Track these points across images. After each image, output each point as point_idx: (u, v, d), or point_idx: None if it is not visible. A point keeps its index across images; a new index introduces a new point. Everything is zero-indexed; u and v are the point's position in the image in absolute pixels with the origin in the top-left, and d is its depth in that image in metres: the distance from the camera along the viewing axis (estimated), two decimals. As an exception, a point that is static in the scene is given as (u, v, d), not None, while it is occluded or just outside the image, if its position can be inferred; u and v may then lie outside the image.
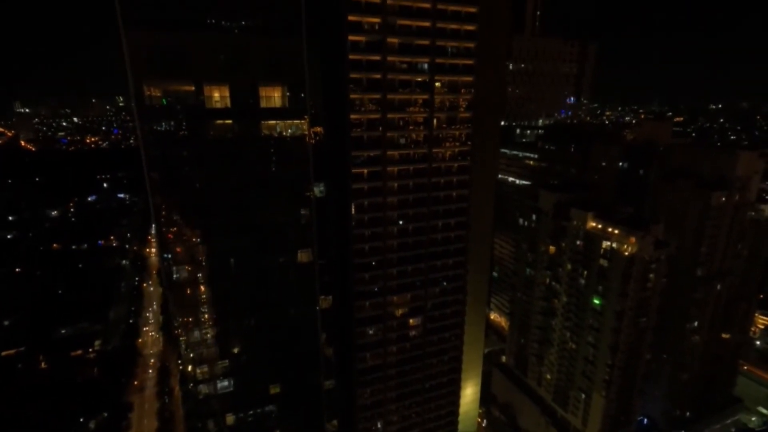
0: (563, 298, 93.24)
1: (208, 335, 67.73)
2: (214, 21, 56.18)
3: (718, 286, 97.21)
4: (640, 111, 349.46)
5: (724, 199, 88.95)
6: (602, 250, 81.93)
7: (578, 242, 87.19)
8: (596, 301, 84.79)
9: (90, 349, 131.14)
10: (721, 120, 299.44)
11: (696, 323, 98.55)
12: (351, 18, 62.04)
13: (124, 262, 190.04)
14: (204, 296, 65.69)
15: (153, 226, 65.05)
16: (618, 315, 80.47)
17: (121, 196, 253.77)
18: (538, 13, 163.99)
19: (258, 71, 59.33)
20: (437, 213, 76.83)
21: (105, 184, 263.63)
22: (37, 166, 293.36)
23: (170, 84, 56.34)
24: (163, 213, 60.72)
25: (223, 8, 55.90)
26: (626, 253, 77.67)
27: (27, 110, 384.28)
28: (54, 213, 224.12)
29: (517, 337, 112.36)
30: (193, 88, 57.14)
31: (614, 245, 79.69)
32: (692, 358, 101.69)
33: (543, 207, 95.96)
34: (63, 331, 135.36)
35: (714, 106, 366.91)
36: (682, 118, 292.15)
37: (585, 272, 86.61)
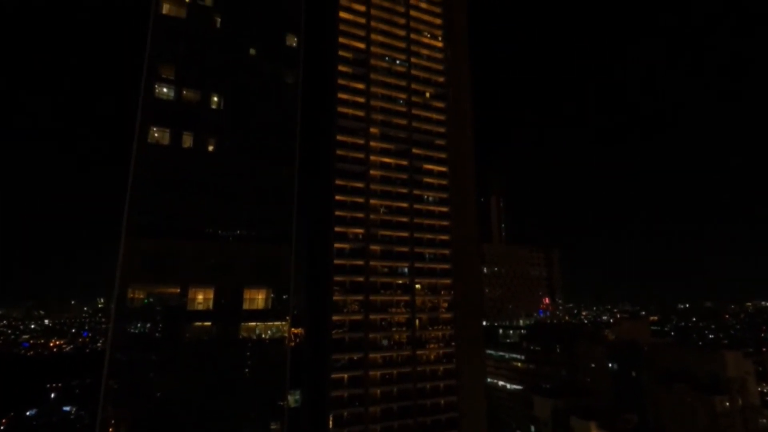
0: None
1: None
2: (210, 230, 61.20)
3: None
4: (615, 310, 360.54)
5: (727, 404, 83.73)
6: (617, 471, 71.32)
7: (587, 460, 76.35)
8: None
9: None
10: (694, 319, 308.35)
11: None
12: (337, 229, 69.33)
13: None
14: None
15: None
16: None
17: (67, 409, 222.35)
18: (503, 225, 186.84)
19: (245, 275, 61.39)
20: (425, 426, 68.81)
21: (53, 394, 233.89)
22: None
23: (156, 287, 57.09)
24: (110, 430, 52.49)
25: (221, 220, 61.78)
26: (645, 474, 67.42)
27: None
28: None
29: None
30: (178, 291, 57.80)
31: (628, 463, 69.91)
32: None
33: (540, 416, 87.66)
34: None
35: (682, 306, 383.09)
36: (656, 317, 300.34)
37: (604, 502, 72.99)
